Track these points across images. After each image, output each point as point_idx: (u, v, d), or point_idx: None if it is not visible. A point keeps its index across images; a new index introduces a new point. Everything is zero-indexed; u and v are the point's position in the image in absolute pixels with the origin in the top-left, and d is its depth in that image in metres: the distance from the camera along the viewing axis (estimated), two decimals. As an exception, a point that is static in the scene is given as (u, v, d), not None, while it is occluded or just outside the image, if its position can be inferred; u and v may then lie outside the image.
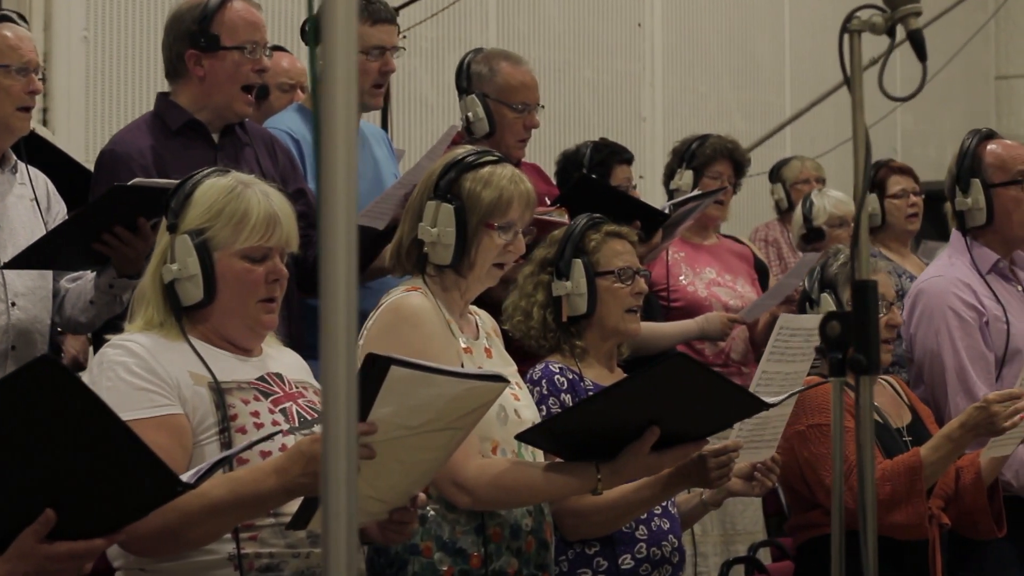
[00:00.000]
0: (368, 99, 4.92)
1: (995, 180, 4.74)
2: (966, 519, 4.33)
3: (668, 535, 3.92)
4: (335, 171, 1.77)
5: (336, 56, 1.77)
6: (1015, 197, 4.73)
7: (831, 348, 2.38)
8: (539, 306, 3.96)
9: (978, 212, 4.75)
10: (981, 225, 4.75)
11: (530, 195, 3.59)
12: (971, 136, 4.83)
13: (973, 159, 4.77)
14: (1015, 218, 4.74)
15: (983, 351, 4.61)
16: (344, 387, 1.73)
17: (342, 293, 1.75)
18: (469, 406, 2.98)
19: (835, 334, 2.38)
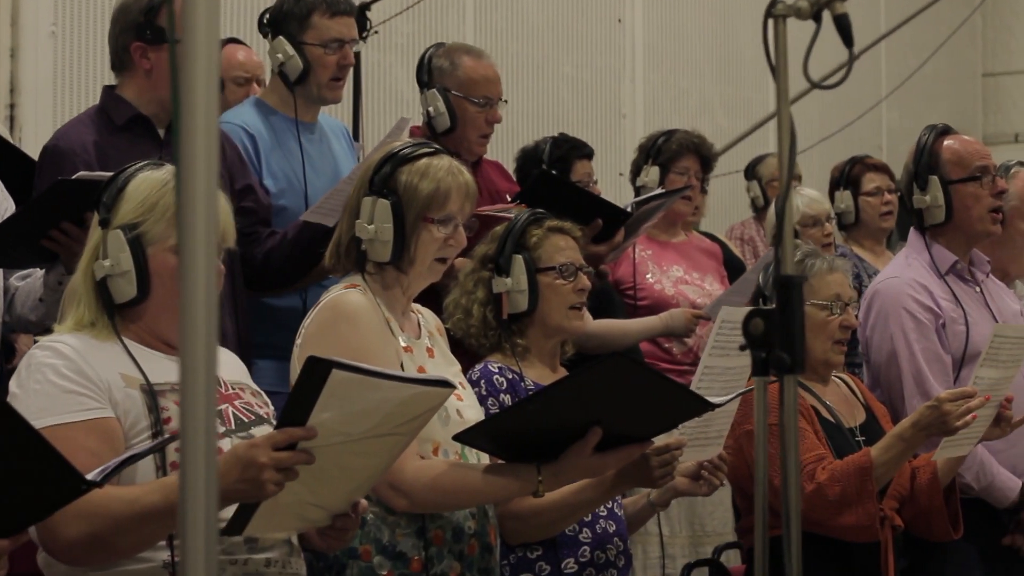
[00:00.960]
0: (326, 93, 4.86)
1: (953, 176, 4.64)
2: (921, 521, 4.26)
3: (613, 538, 3.84)
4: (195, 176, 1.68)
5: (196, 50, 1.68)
6: (974, 193, 4.63)
7: (755, 346, 2.30)
8: (479, 304, 3.88)
9: (936, 210, 4.65)
10: (940, 223, 4.64)
11: (469, 186, 3.51)
12: (928, 132, 4.74)
13: (930, 156, 4.67)
14: (974, 214, 4.64)
15: (939, 353, 4.52)
16: (203, 395, 1.66)
17: (201, 297, 1.67)
18: (413, 412, 2.92)
19: (759, 332, 2.30)
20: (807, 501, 4.04)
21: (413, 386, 2.89)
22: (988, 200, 4.64)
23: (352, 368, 2.76)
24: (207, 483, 1.62)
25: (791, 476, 2.35)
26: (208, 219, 1.67)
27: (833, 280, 4.28)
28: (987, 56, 12.52)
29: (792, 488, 2.35)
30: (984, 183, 4.64)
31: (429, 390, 2.92)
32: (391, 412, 2.86)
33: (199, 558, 1.60)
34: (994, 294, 4.74)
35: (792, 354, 2.27)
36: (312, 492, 2.89)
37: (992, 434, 4.21)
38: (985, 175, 4.65)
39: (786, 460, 2.33)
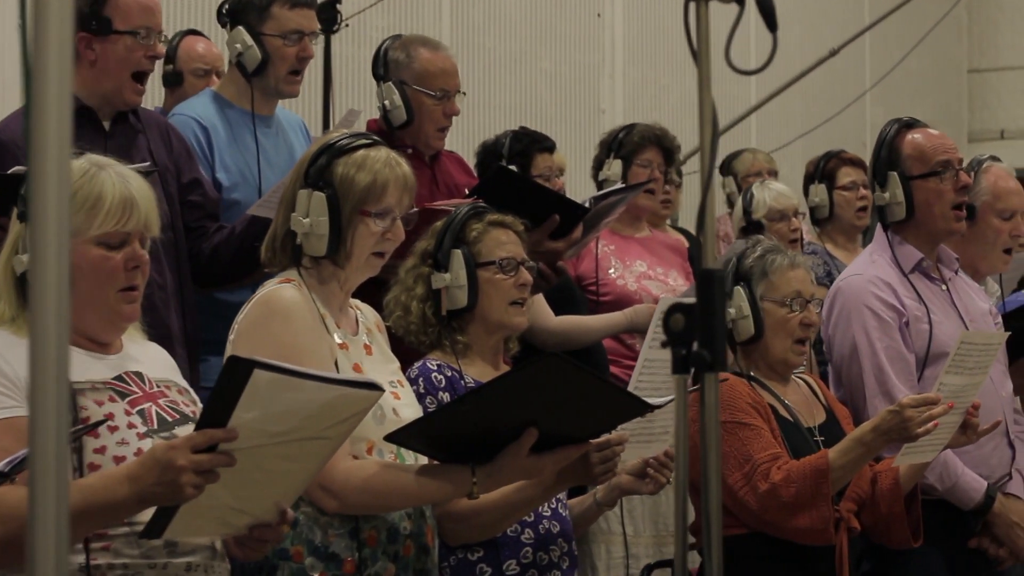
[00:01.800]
0: (284, 86, 4.81)
1: (914, 172, 4.50)
2: (881, 527, 4.17)
3: (557, 539, 3.76)
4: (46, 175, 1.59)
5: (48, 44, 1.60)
6: (936, 190, 4.49)
7: (675, 342, 2.22)
8: (418, 300, 3.80)
9: (897, 207, 4.52)
10: (902, 220, 4.54)
11: (407, 178, 3.43)
12: (890, 126, 4.61)
13: (891, 150, 4.54)
14: (936, 212, 4.50)
15: (903, 352, 4.39)
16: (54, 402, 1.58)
17: (52, 301, 1.59)
18: (340, 414, 2.85)
19: (679, 327, 2.22)
20: (761, 501, 3.96)
21: (338, 388, 2.82)
22: (950, 196, 4.49)
23: (274, 368, 2.70)
24: (57, 499, 1.55)
25: (711, 479, 2.27)
26: (60, 225, 1.59)
27: (794, 277, 4.20)
28: (973, 52, 12.44)
29: (712, 491, 2.27)
30: (946, 179, 4.49)
31: (355, 392, 2.84)
32: (316, 414, 2.78)
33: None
34: (962, 293, 4.62)
35: (713, 351, 2.19)
36: (234, 496, 2.82)
37: (958, 441, 4.11)
38: (947, 170, 4.50)
39: (706, 461, 2.25)
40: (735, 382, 4.11)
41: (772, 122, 10.35)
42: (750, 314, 4.14)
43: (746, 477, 3.98)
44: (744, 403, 4.05)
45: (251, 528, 2.92)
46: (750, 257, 4.21)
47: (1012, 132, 12.27)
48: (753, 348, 4.19)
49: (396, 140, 4.90)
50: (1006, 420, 4.50)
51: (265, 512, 2.90)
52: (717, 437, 2.23)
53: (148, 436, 2.97)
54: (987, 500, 4.43)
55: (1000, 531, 4.45)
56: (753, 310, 4.15)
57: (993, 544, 4.48)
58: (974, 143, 12.05)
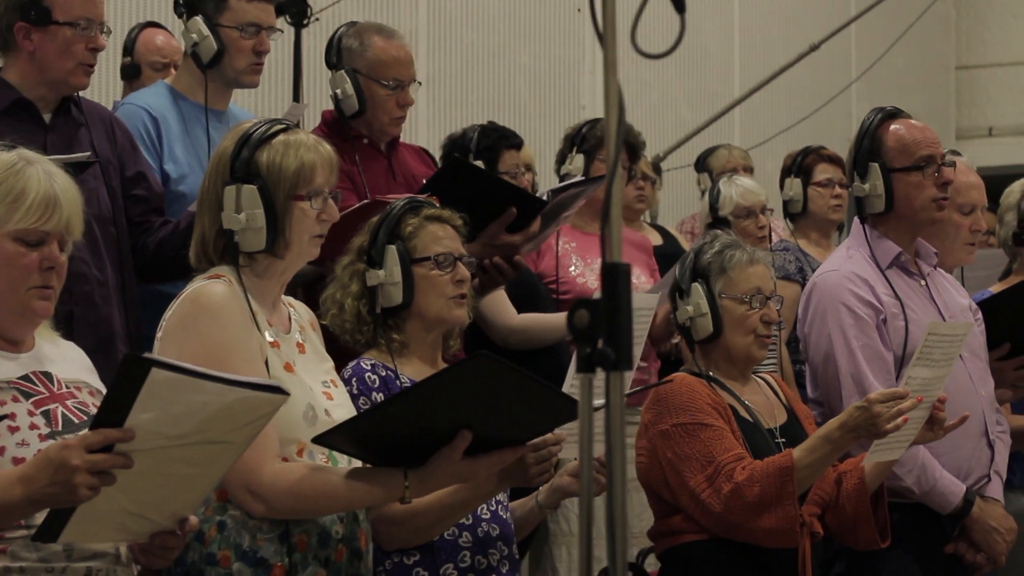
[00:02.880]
0: (244, 77, 4.71)
1: (896, 165, 4.37)
2: (847, 528, 4.04)
3: (497, 542, 3.63)
4: None
5: None
6: (917, 184, 4.36)
7: (580, 340, 2.10)
8: (353, 297, 3.67)
9: (876, 199, 4.38)
10: (881, 212, 4.40)
11: (331, 157, 3.33)
12: (872, 115, 4.47)
13: (873, 141, 4.41)
14: (917, 205, 4.37)
15: (880, 350, 4.26)
16: None
17: None
18: (244, 418, 2.77)
19: (583, 324, 2.10)
20: (725, 503, 3.85)
21: (241, 390, 2.73)
22: (931, 191, 4.37)
23: (173, 368, 2.64)
24: None
25: (617, 481, 2.15)
26: None
27: (754, 273, 4.07)
28: (961, 49, 12.31)
29: (618, 494, 2.14)
30: (927, 173, 4.37)
31: (259, 395, 2.76)
32: (217, 416, 2.71)
33: None
34: (940, 288, 4.49)
35: (618, 349, 2.07)
36: (133, 500, 2.75)
37: (925, 437, 3.98)
38: (929, 165, 4.37)
39: (612, 464, 2.13)
40: (694, 382, 3.99)
41: (756, 118, 10.23)
42: (708, 311, 4.03)
43: (709, 479, 3.86)
44: (704, 403, 3.94)
45: (152, 536, 2.86)
46: (708, 253, 4.09)
47: (1000, 129, 12.14)
48: (712, 346, 4.07)
49: (349, 129, 4.81)
50: (985, 420, 4.38)
51: (166, 519, 2.84)
52: (622, 439, 2.10)
53: (51, 438, 2.89)
54: (965, 504, 4.30)
55: (978, 536, 4.32)
56: (711, 307, 4.03)
57: (970, 550, 4.35)
58: (962, 140, 11.92)
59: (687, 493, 3.90)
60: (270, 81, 7.41)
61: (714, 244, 4.12)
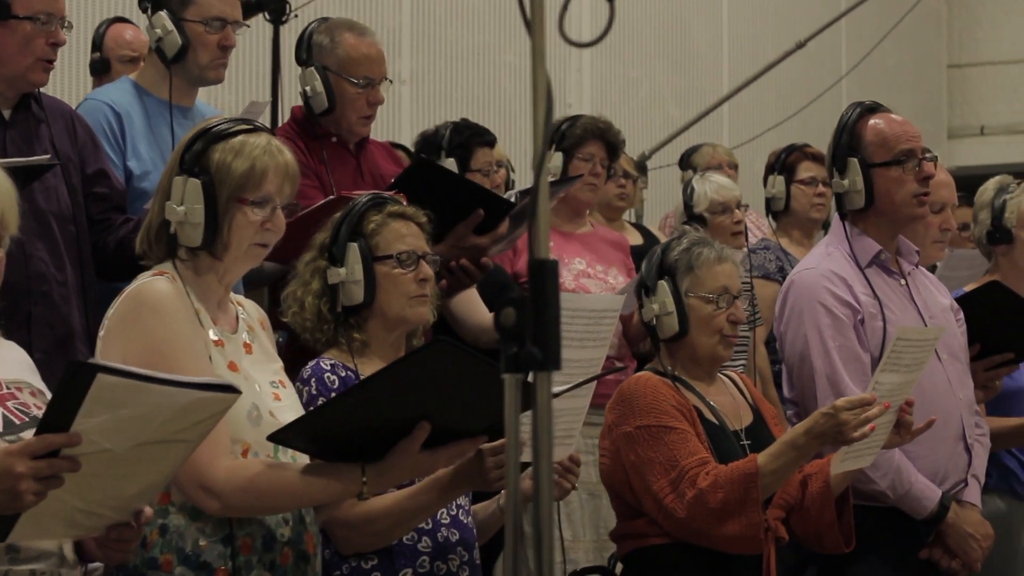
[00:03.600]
0: (209, 73, 4.63)
1: (875, 160, 4.27)
2: (812, 533, 3.96)
3: (457, 547, 3.56)
4: None
5: None
6: (897, 179, 4.26)
7: (506, 339, 2.03)
8: (314, 295, 3.60)
9: (856, 195, 4.28)
10: (861, 208, 4.31)
11: (289, 166, 3.24)
12: (851, 109, 4.37)
13: (852, 136, 4.31)
14: (897, 200, 4.27)
15: (857, 352, 4.16)
16: None
17: None
18: (196, 417, 2.72)
19: (510, 323, 2.02)
20: (688, 509, 3.77)
21: (191, 392, 2.69)
22: (912, 186, 4.27)
23: (120, 372, 2.60)
24: None
25: (543, 485, 2.08)
26: None
27: (721, 271, 3.99)
28: (953, 47, 12.24)
29: (544, 499, 2.08)
30: (908, 168, 4.27)
31: (210, 395, 2.71)
32: (169, 418, 2.67)
33: None
34: (921, 287, 4.40)
35: (545, 349, 2.00)
36: (82, 499, 2.71)
37: (892, 441, 3.90)
38: (910, 159, 4.28)
39: (538, 468, 2.06)
40: (658, 383, 3.92)
41: (744, 116, 10.16)
42: (674, 310, 3.95)
43: (672, 484, 3.79)
44: (668, 405, 3.86)
45: (108, 529, 2.80)
46: (675, 250, 4.01)
47: (992, 128, 12.07)
48: (678, 346, 4.00)
49: (318, 127, 4.74)
50: (963, 424, 4.30)
51: (119, 513, 2.79)
52: (549, 442, 2.03)
53: (-9, 440, 2.82)
54: (941, 509, 4.22)
55: (953, 542, 4.24)
56: (678, 306, 3.96)
57: (945, 556, 4.26)
58: (954, 139, 11.87)
59: (650, 497, 3.83)
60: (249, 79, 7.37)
61: (682, 241, 4.04)
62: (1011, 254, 5.05)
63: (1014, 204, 5.07)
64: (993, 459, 4.90)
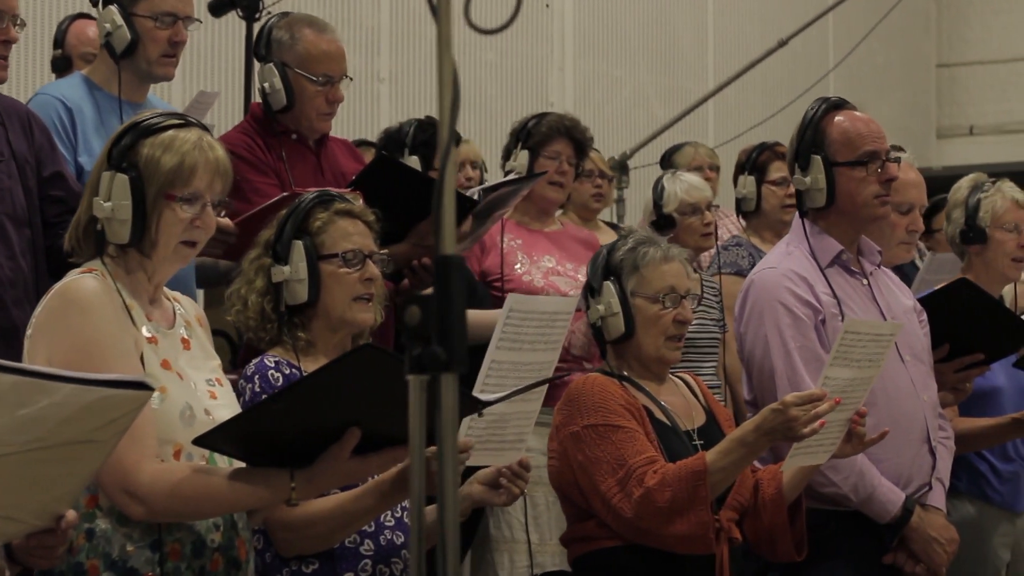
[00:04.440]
0: (157, 69, 4.58)
1: (838, 158, 4.19)
2: (764, 538, 3.89)
3: (401, 551, 3.48)
4: None
5: None
6: (860, 179, 4.18)
7: (411, 338, 1.95)
8: (257, 294, 3.53)
9: (818, 193, 4.20)
10: (822, 207, 4.23)
11: (220, 163, 3.16)
12: (816, 106, 4.28)
13: (816, 133, 4.22)
14: (859, 200, 4.19)
15: (818, 352, 4.06)
16: None
17: None
18: (108, 416, 2.63)
19: (414, 322, 1.94)
20: (636, 508, 3.69)
21: (98, 389, 2.59)
22: (874, 187, 4.19)
23: (18, 371, 2.52)
24: None
25: (448, 488, 2.00)
26: None
27: (668, 271, 3.91)
28: (942, 46, 12.15)
29: (449, 504, 2.00)
30: (871, 169, 4.19)
31: (120, 393, 2.62)
32: (75, 417, 2.58)
33: None
34: (884, 288, 4.32)
35: (449, 349, 1.91)
36: None
37: (844, 451, 3.83)
38: (873, 160, 4.20)
39: (443, 470, 1.98)
40: (606, 382, 3.84)
41: (730, 115, 10.08)
42: (620, 311, 3.87)
43: (620, 483, 3.70)
44: (616, 404, 3.79)
45: (28, 537, 2.72)
46: (620, 250, 3.94)
47: (981, 128, 11.98)
48: (625, 347, 3.92)
49: (277, 124, 4.67)
50: (928, 426, 4.22)
51: (38, 519, 2.71)
52: (453, 446, 1.95)
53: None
54: (904, 513, 4.14)
55: (917, 547, 4.16)
56: (623, 307, 3.88)
57: (910, 560, 4.18)
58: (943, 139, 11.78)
59: (598, 497, 3.75)
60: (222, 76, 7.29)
61: (627, 241, 3.96)
62: (984, 254, 4.98)
63: (989, 203, 5.00)
64: (964, 462, 4.84)
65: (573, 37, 9.48)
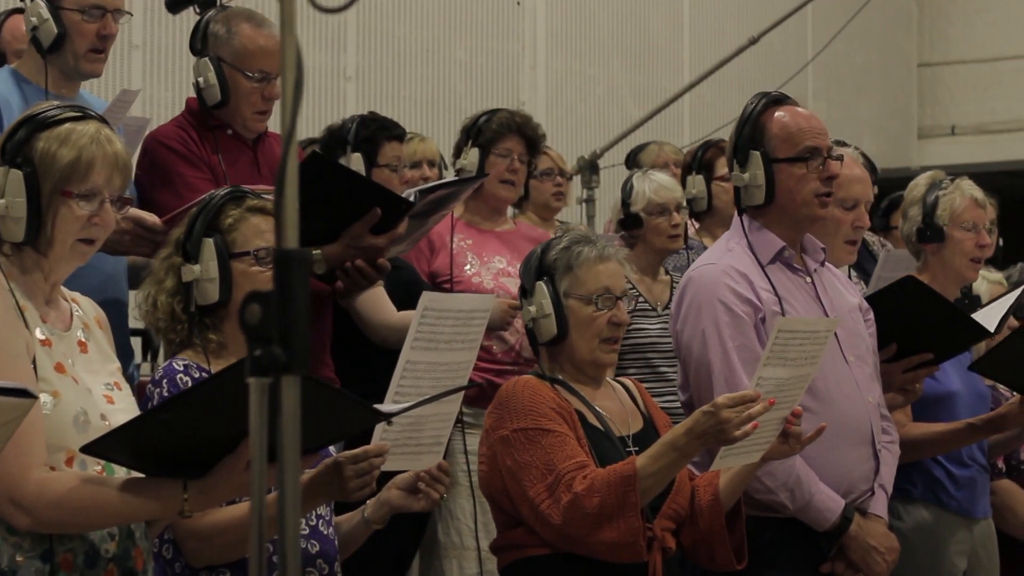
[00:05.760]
0: (84, 64, 4.47)
1: (778, 154, 4.05)
2: (702, 546, 3.75)
3: (316, 560, 3.37)
4: None
5: None
6: (800, 176, 4.04)
7: (252, 340, 1.83)
8: (167, 294, 3.41)
9: (756, 190, 4.07)
10: (761, 204, 4.10)
11: (119, 157, 3.04)
12: (756, 99, 4.14)
13: (755, 127, 4.09)
14: (799, 199, 4.05)
15: (757, 351, 3.86)
16: None
17: None
18: None
19: (255, 321, 1.82)
20: (563, 514, 3.57)
21: None
22: (815, 185, 4.05)
23: None
24: None
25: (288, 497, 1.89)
26: None
27: (603, 271, 3.78)
28: (923, 45, 12.02)
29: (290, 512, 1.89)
30: (812, 166, 4.05)
31: None
32: None
33: None
34: (828, 286, 4.17)
35: (290, 350, 1.80)
36: None
37: (780, 451, 3.69)
38: (814, 157, 4.06)
39: (283, 482, 1.87)
40: (538, 385, 3.72)
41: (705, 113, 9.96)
42: (552, 312, 3.75)
43: (549, 489, 3.58)
44: (547, 408, 3.66)
45: None
46: (554, 249, 3.81)
47: (963, 128, 11.86)
48: (558, 349, 3.80)
49: (212, 120, 4.56)
50: (872, 429, 4.09)
51: None
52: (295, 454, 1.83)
53: None
54: (843, 521, 4.00)
55: (856, 555, 4.02)
56: (556, 308, 3.76)
57: (848, 570, 4.04)
58: (924, 139, 11.66)
59: (527, 504, 3.62)
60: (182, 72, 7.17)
61: (562, 239, 3.84)
62: (941, 253, 4.85)
63: (947, 201, 4.88)
64: (919, 468, 4.71)
65: (545, 35, 9.36)
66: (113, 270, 4.33)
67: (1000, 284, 5.53)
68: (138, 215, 4.05)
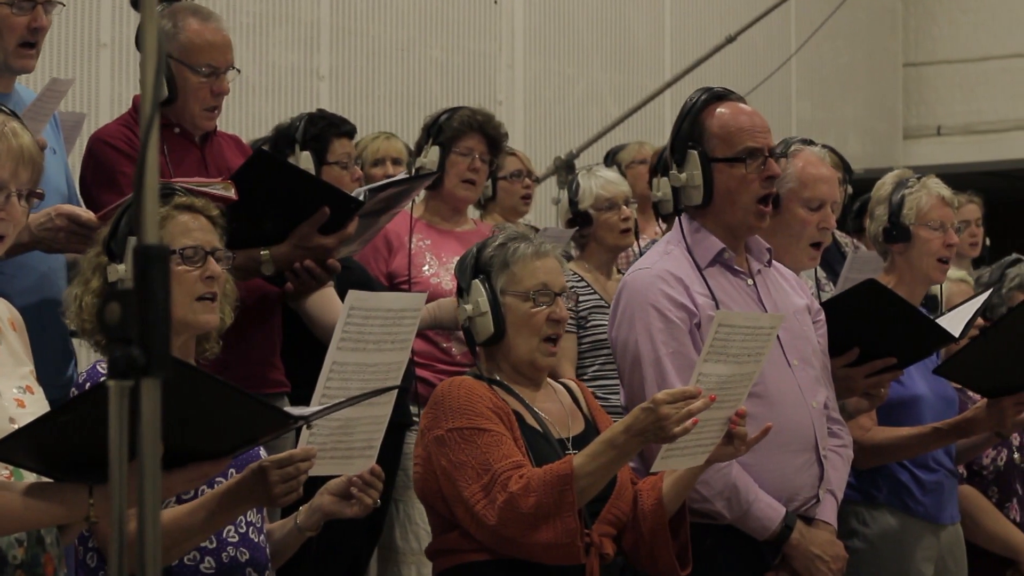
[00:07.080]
0: (14, 60, 4.32)
1: (716, 154, 3.91)
2: (644, 551, 3.65)
3: (246, 568, 3.27)
4: None
5: None
6: (739, 177, 3.90)
7: (112, 340, 1.72)
8: (94, 294, 3.30)
9: (694, 191, 3.93)
10: (700, 205, 3.96)
11: (24, 150, 2.96)
12: (697, 95, 3.99)
13: (694, 125, 3.95)
14: (737, 203, 3.91)
15: (692, 358, 3.74)
16: None
17: None
18: None
19: (115, 320, 1.72)
20: (498, 514, 3.45)
21: None
22: (755, 187, 3.90)
23: None
24: None
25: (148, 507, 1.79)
26: None
27: (541, 267, 3.69)
28: (908, 45, 11.91)
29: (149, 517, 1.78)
30: (752, 166, 3.90)
31: None
32: None
33: None
34: (772, 287, 4.04)
35: (149, 351, 1.69)
36: None
37: (724, 453, 3.58)
38: (753, 158, 3.91)
39: (143, 488, 1.77)
40: (473, 384, 3.62)
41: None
42: (488, 311, 3.65)
43: (484, 489, 3.47)
44: (483, 407, 3.56)
45: None
46: (491, 246, 3.72)
47: (949, 128, 11.76)
48: (496, 349, 3.70)
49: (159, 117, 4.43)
50: (816, 434, 3.96)
51: None
52: (155, 460, 1.73)
53: None
54: (784, 529, 3.89)
55: (799, 564, 3.90)
56: (493, 306, 3.65)
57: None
58: (910, 140, 11.56)
59: (461, 504, 3.52)
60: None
61: (497, 237, 3.74)
62: (908, 253, 4.73)
63: (913, 200, 4.75)
64: (884, 472, 4.60)
65: (523, 33, 9.26)
66: (49, 269, 4.22)
67: (965, 282, 5.41)
68: (72, 211, 3.95)
